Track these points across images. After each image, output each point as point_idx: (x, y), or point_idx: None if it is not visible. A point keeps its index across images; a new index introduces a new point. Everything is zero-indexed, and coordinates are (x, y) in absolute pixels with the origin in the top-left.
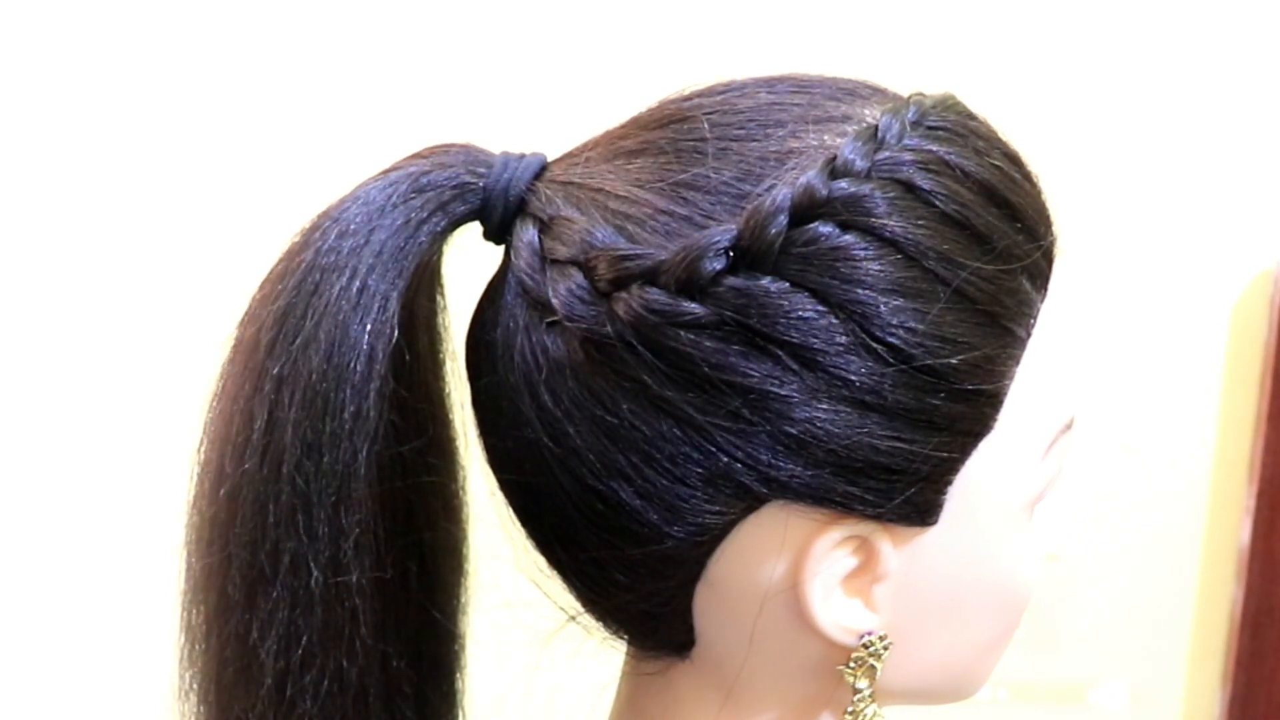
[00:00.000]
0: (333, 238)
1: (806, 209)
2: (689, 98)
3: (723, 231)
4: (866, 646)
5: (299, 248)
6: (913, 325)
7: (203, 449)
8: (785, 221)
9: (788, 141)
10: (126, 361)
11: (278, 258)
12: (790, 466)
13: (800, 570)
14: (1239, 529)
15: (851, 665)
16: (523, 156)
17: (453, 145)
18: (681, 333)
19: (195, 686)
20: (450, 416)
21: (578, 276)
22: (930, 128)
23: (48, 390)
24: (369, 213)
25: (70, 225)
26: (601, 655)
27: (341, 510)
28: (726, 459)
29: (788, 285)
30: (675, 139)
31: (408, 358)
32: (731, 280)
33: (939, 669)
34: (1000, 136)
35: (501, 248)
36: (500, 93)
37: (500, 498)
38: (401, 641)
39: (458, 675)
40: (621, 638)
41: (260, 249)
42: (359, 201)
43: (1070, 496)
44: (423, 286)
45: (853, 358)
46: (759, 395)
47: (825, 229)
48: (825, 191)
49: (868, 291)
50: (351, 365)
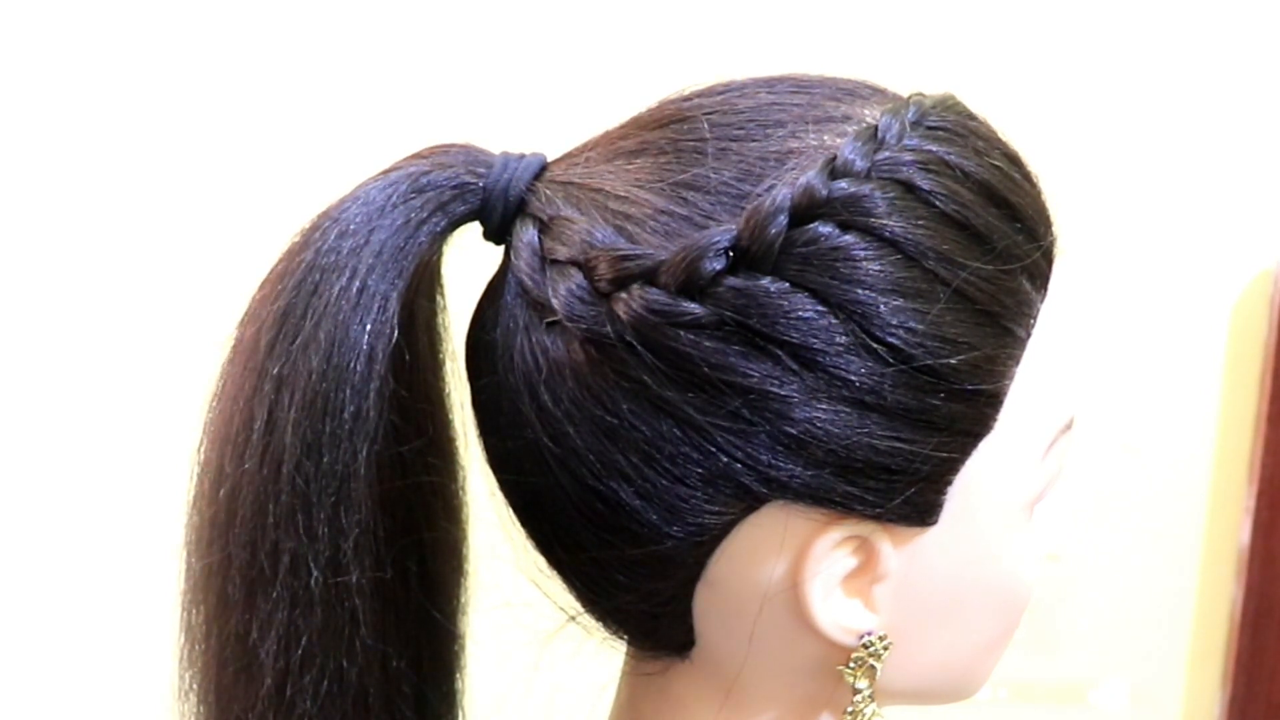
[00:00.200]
0: (333, 238)
1: (806, 209)
2: (689, 98)
3: (723, 231)
4: (866, 647)
5: (299, 248)
6: (913, 325)
7: (203, 449)
8: (785, 221)
9: (788, 141)
10: (127, 361)
11: (278, 258)
12: (790, 466)
13: (800, 570)
14: (1239, 529)
15: (851, 665)
16: (523, 156)
17: (453, 145)
18: (681, 333)
19: (195, 686)
20: (450, 416)
21: (578, 277)
22: (930, 128)
23: (48, 390)
24: (369, 213)
25: (70, 225)
26: (601, 655)
27: (341, 510)
28: (726, 459)
29: (788, 285)
30: (675, 139)
31: (408, 358)
32: (731, 280)
33: (939, 669)
34: (1000, 136)
35: (501, 248)
36: (500, 93)
37: (500, 498)
38: (401, 641)
39: (458, 675)
40: (621, 638)
41: (260, 249)
42: (359, 201)
43: (1070, 496)
44: (423, 286)
45: (853, 358)
46: (759, 395)
47: (825, 229)
48: (825, 191)
49: (868, 291)
50: (351, 365)
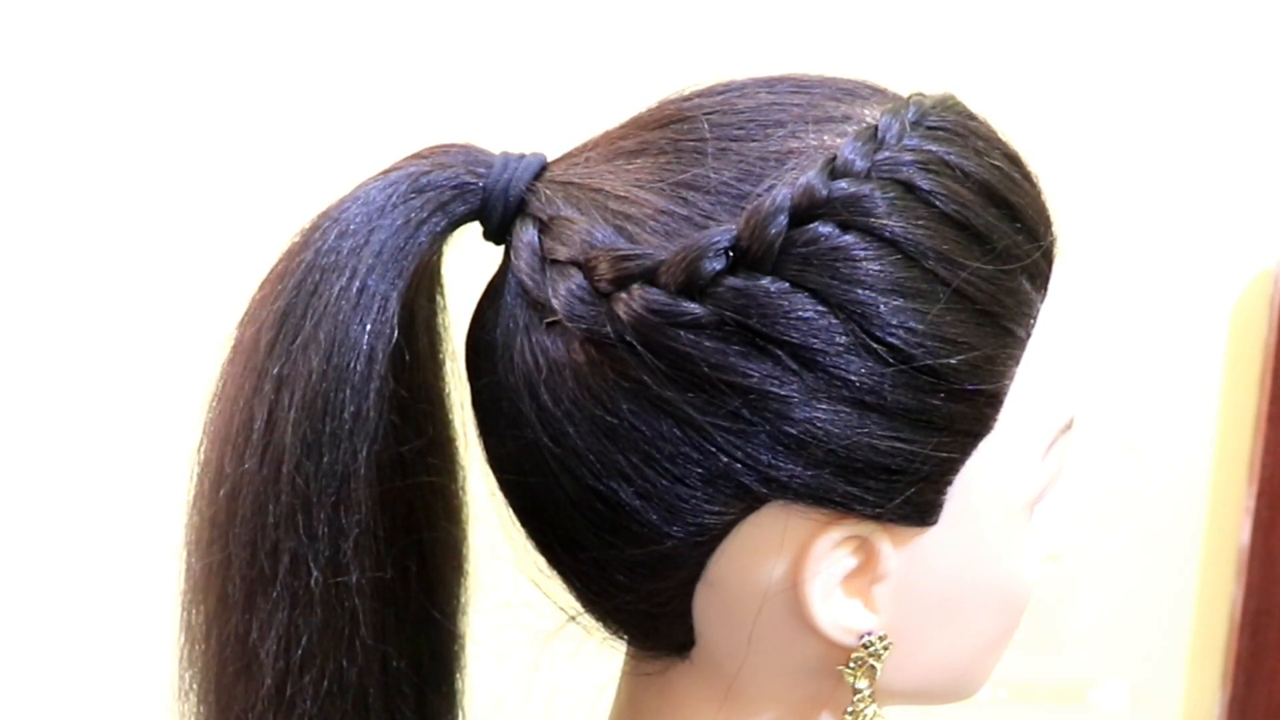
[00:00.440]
0: (333, 238)
1: (806, 209)
2: (689, 98)
3: (722, 232)
4: (866, 647)
5: (299, 248)
6: (913, 325)
7: (203, 449)
8: (785, 221)
9: (788, 141)
10: (127, 361)
11: (278, 258)
12: (790, 466)
13: (800, 570)
14: (1239, 529)
15: (851, 665)
16: (523, 156)
17: (453, 145)
18: (681, 333)
19: (195, 686)
20: (450, 416)
21: (578, 277)
22: (930, 128)
23: (48, 390)
24: (369, 213)
25: (70, 226)
26: (601, 655)
27: (341, 510)
28: (726, 459)
29: (787, 285)
30: (675, 139)
31: (408, 358)
32: (731, 280)
33: (939, 669)
34: (1000, 136)
35: (501, 248)
36: (500, 93)
37: (500, 498)
38: (401, 641)
39: (458, 675)
40: (621, 638)
41: (260, 249)
42: (359, 201)
43: (1070, 496)
44: (422, 287)
45: (853, 358)
46: (759, 395)
47: (825, 229)
48: (825, 191)
49: (867, 291)
50: (351, 365)
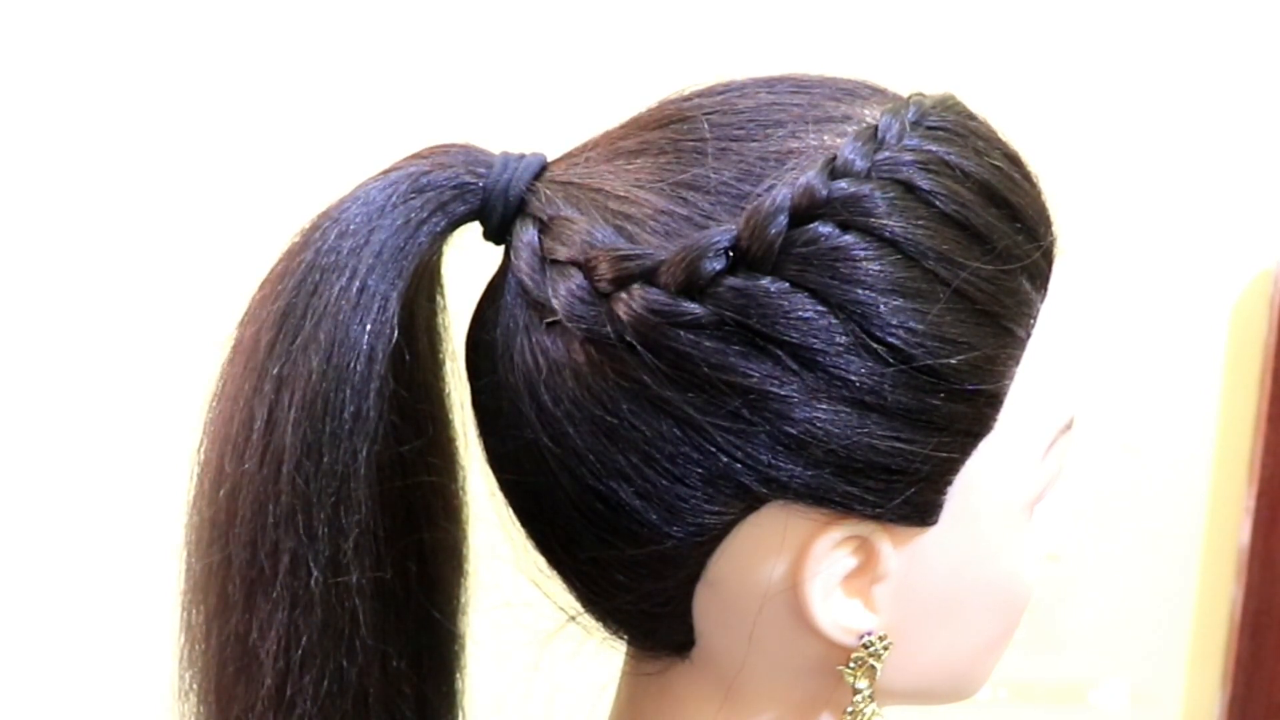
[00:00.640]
0: (333, 238)
1: (806, 209)
2: (689, 98)
3: (722, 232)
4: (866, 647)
5: (299, 248)
6: (912, 325)
7: (203, 449)
8: (785, 222)
9: (788, 141)
10: (127, 361)
11: (278, 258)
12: (790, 466)
13: (800, 570)
14: (1239, 529)
15: (851, 665)
16: (523, 156)
17: (453, 145)
18: (681, 333)
19: (195, 686)
20: (450, 416)
21: (578, 277)
22: (930, 128)
23: (48, 390)
24: (369, 213)
25: (71, 226)
26: (601, 655)
27: (341, 510)
28: (726, 459)
29: (787, 285)
30: (675, 139)
31: (408, 358)
32: (731, 280)
33: (939, 669)
34: (1000, 136)
35: (501, 248)
36: (500, 93)
37: (500, 498)
38: (401, 641)
39: (458, 675)
40: (621, 638)
41: (260, 249)
42: (359, 201)
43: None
44: (422, 287)
45: (852, 358)
46: (759, 395)
47: (825, 229)
48: (825, 192)
49: (867, 291)
50: (351, 365)
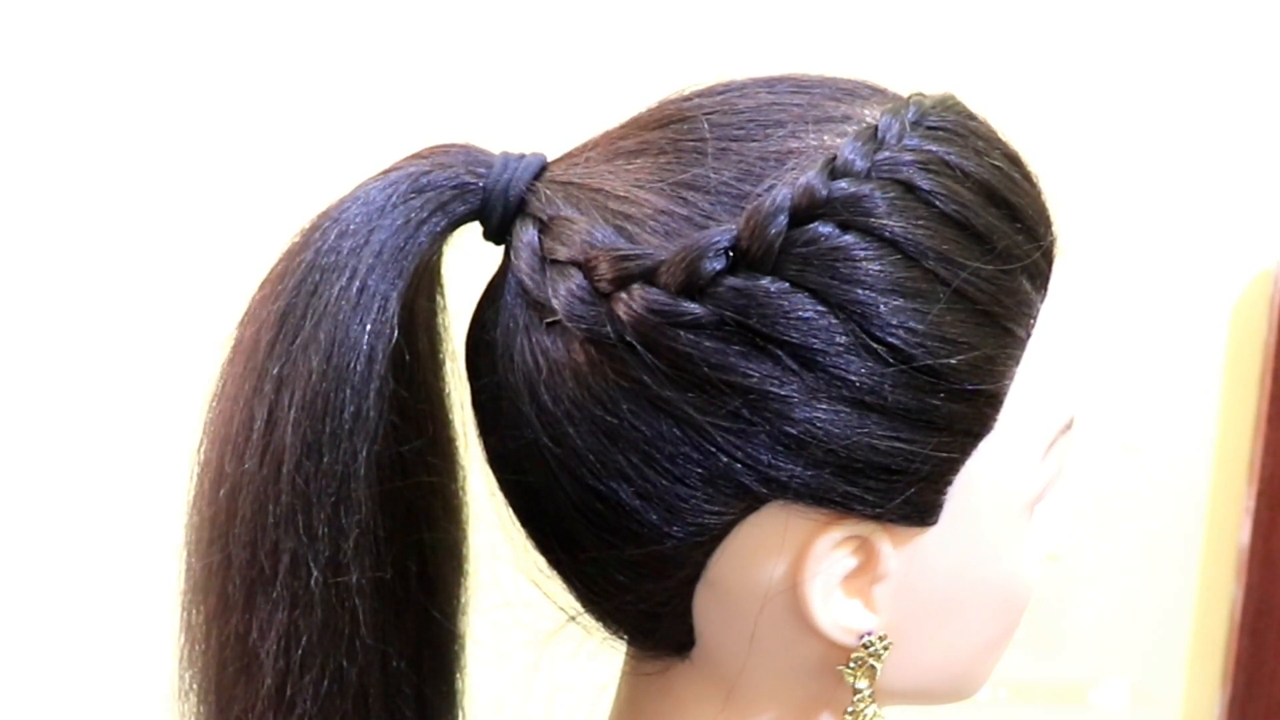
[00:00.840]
0: (333, 238)
1: (806, 209)
2: (689, 98)
3: (722, 231)
4: (866, 647)
5: (299, 248)
6: (913, 325)
7: (203, 449)
8: (785, 221)
9: (788, 141)
10: (127, 361)
11: (278, 258)
12: (790, 466)
13: (800, 570)
14: (1239, 529)
15: (851, 665)
16: (523, 156)
17: (453, 145)
18: (681, 333)
19: (195, 686)
20: (450, 416)
21: (578, 277)
22: (930, 128)
23: (48, 390)
24: (369, 213)
25: (71, 226)
26: (601, 655)
27: (341, 510)
28: (726, 459)
29: (787, 285)
30: (675, 139)
31: (408, 358)
32: (731, 280)
33: (939, 669)
34: (1000, 136)
35: (501, 248)
36: (500, 93)
37: (500, 498)
38: (401, 641)
39: (458, 675)
40: (621, 638)
41: (260, 249)
42: (359, 201)
43: (1070, 496)
44: (422, 287)
45: (853, 358)
46: (759, 395)
47: (825, 229)
48: (825, 191)
49: (867, 291)
50: (351, 365)
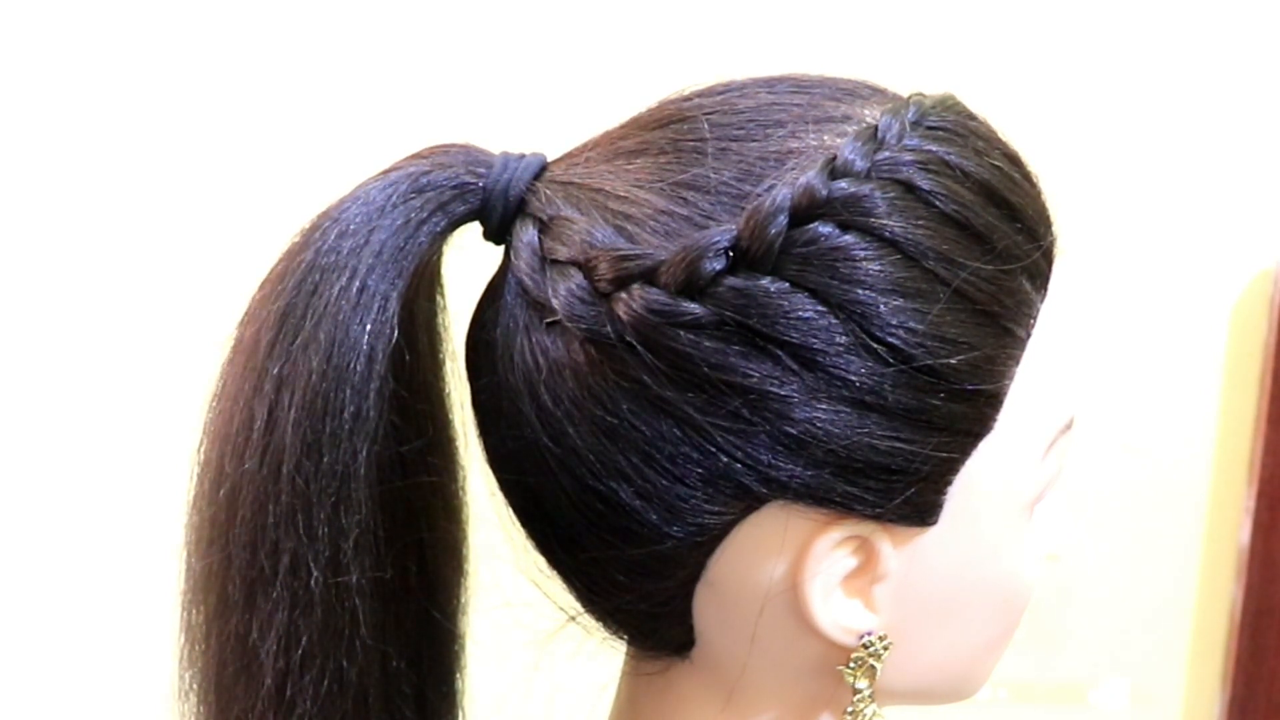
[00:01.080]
0: (333, 238)
1: (806, 209)
2: (689, 98)
3: (722, 232)
4: (866, 647)
5: (299, 248)
6: (913, 325)
7: (203, 449)
8: (785, 222)
9: (788, 141)
10: (127, 361)
11: (278, 258)
12: (790, 466)
13: (800, 570)
14: (1239, 529)
15: (851, 665)
16: (523, 156)
17: (453, 145)
18: (681, 333)
19: (195, 686)
20: (450, 416)
21: (578, 277)
22: (930, 128)
23: (48, 390)
24: (369, 213)
25: (71, 226)
26: (601, 655)
27: (341, 510)
28: (726, 459)
29: (787, 285)
30: (675, 139)
31: (408, 358)
32: (731, 280)
33: (939, 669)
34: (1000, 136)
35: (501, 248)
36: (500, 93)
37: (500, 498)
38: (401, 641)
39: (458, 675)
40: (621, 638)
41: (260, 249)
42: (359, 201)
43: (1070, 496)
44: (422, 287)
45: (852, 358)
46: (759, 395)
47: (825, 229)
48: (825, 192)
49: (867, 291)
50: (351, 365)
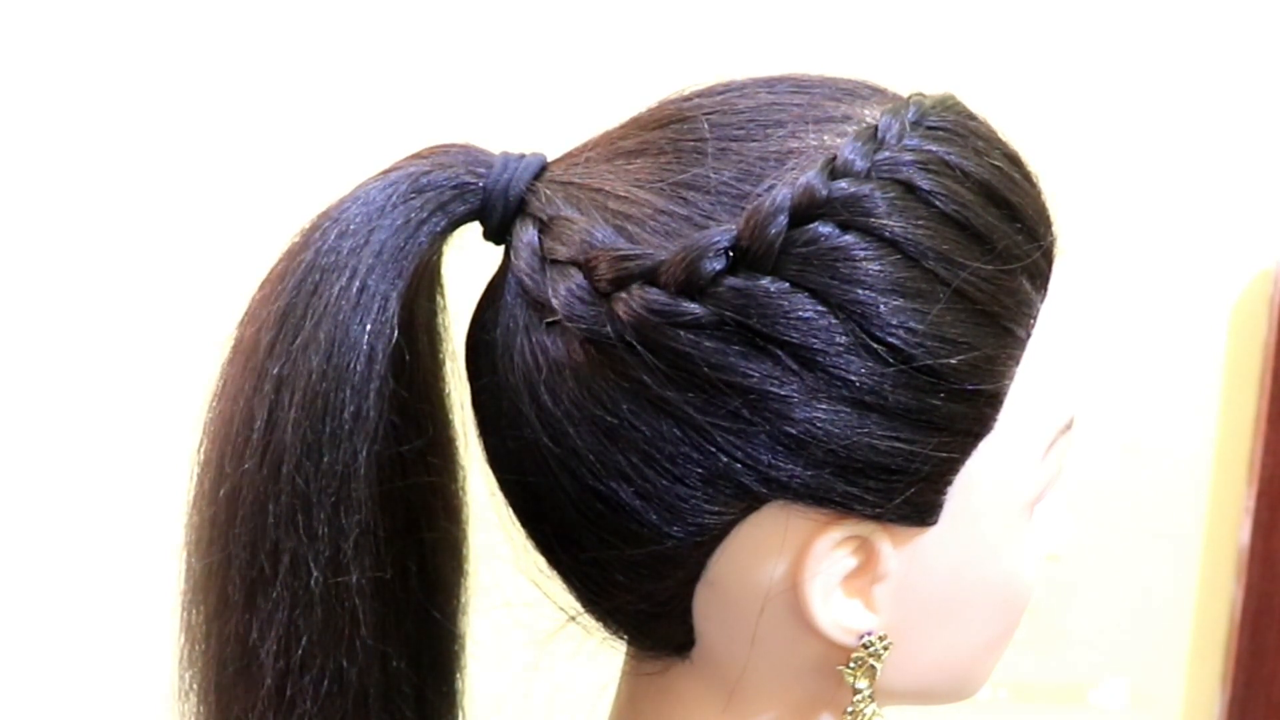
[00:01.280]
0: (333, 238)
1: (806, 209)
2: (689, 98)
3: (722, 231)
4: (866, 647)
5: (299, 248)
6: (913, 325)
7: (203, 449)
8: (785, 222)
9: (787, 141)
10: (127, 361)
11: (278, 258)
12: (790, 466)
13: (800, 570)
14: (1239, 529)
15: (851, 665)
16: (523, 156)
17: (453, 145)
18: (681, 333)
19: (195, 686)
20: (450, 416)
21: (578, 277)
22: (930, 128)
23: (48, 390)
24: (369, 213)
25: (71, 226)
26: (601, 655)
27: (341, 510)
28: (726, 459)
29: (787, 285)
30: (675, 139)
31: (408, 358)
32: (731, 280)
33: (939, 669)
34: (1000, 136)
35: (501, 248)
36: (500, 93)
37: (500, 498)
38: (401, 641)
39: (458, 675)
40: (621, 638)
41: (260, 249)
42: (359, 201)
43: (1070, 496)
44: (422, 287)
45: (852, 358)
46: (759, 395)
47: (825, 229)
48: (825, 192)
49: (867, 291)
50: (351, 365)
